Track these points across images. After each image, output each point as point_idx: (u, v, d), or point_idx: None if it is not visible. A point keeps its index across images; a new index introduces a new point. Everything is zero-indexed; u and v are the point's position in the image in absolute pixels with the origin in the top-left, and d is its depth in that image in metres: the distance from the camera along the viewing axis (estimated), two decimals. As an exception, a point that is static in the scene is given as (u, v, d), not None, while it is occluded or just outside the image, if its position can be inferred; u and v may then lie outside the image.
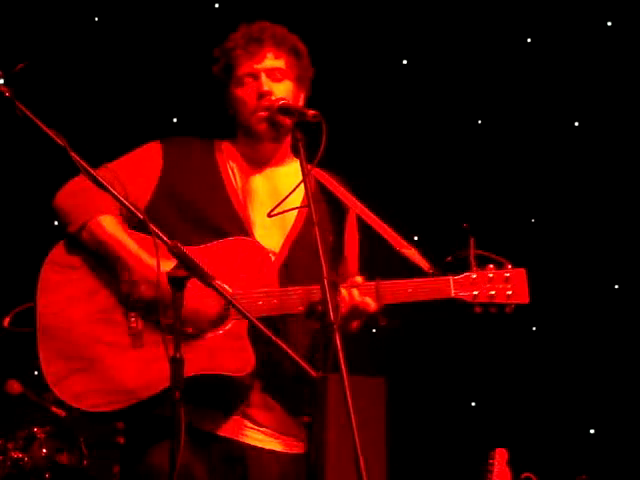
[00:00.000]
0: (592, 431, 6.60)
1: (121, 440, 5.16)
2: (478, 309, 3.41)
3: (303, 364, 2.94)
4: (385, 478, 6.57)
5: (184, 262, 2.91)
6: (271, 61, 3.47)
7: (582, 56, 6.56)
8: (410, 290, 3.36)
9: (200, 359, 3.25)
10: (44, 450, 5.25)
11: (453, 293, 3.38)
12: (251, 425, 3.39)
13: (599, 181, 6.56)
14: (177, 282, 2.92)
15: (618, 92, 6.53)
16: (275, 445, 3.42)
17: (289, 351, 2.96)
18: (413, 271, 3.40)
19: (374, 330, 3.48)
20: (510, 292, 3.40)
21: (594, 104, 6.58)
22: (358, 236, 3.63)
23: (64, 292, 3.34)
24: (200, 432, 3.31)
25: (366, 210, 3.55)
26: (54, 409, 5.34)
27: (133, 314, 3.31)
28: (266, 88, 3.44)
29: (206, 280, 2.92)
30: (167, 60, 6.35)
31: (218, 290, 2.96)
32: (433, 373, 6.68)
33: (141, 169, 3.46)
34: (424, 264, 3.43)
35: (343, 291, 3.31)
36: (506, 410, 6.55)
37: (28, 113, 2.95)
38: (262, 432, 3.40)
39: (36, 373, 3.36)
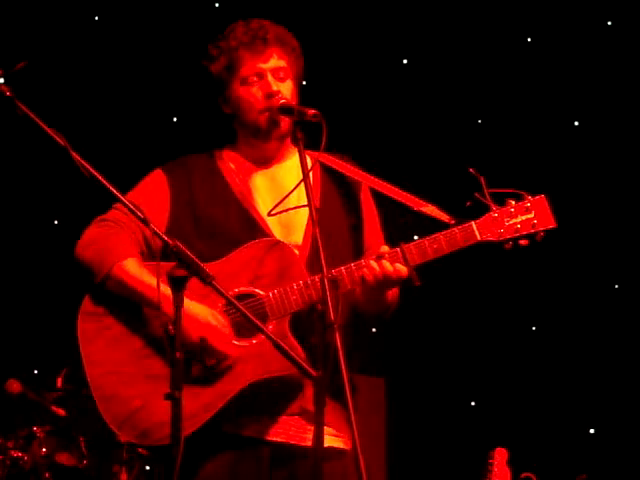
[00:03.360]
0: (592, 431, 6.61)
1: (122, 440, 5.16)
2: (507, 246, 3.37)
3: (302, 364, 2.93)
4: (385, 477, 6.59)
5: (184, 262, 2.90)
6: (275, 61, 3.45)
7: (582, 56, 6.55)
8: (436, 246, 3.33)
9: (249, 367, 3.26)
10: (44, 449, 5.24)
11: (479, 237, 3.34)
12: (300, 424, 3.36)
13: (599, 181, 6.56)
14: (177, 282, 2.91)
15: (618, 92, 6.53)
16: (329, 441, 3.33)
17: (288, 351, 2.96)
18: (436, 227, 3.39)
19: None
20: (535, 221, 3.39)
21: (594, 104, 6.58)
22: (375, 207, 3.61)
23: (102, 339, 3.36)
24: (248, 440, 3.31)
25: (377, 180, 3.53)
26: (54, 408, 5.34)
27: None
28: (275, 88, 3.42)
29: (206, 280, 2.91)
30: (167, 59, 6.35)
31: (218, 290, 2.95)
32: (433, 373, 6.69)
33: (150, 202, 3.43)
34: (444, 217, 3.40)
35: (372, 263, 3.29)
36: (506, 410, 6.55)
37: (29, 112, 2.94)
38: (311, 430, 3.35)
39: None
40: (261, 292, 3.31)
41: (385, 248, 3.35)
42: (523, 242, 3.39)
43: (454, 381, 6.70)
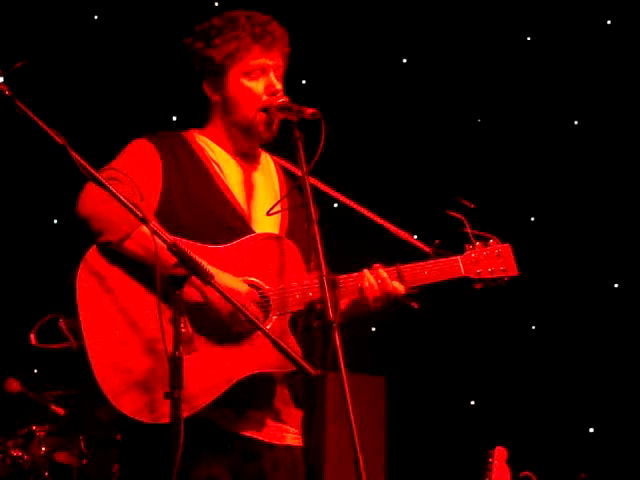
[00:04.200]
0: (591, 430, 6.61)
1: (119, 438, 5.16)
2: (479, 285, 3.53)
3: (301, 362, 2.93)
4: (384, 476, 6.59)
5: (184, 261, 2.90)
6: (279, 60, 3.44)
7: (582, 55, 6.56)
8: (426, 272, 3.40)
9: (251, 359, 3.24)
10: (43, 448, 5.24)
11: (463, 272, 3.47)
12: (271, 421, 3.37)
13: (599, 180, 6.56)
14: (177, 281, 2.91)
15: (617, 91, 6.53)
16: (291, 440, 3.39)
17: (287, 349, 2.96)
18: (409, 254, 3.43)
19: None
20: (503, 267, 3.53)
21: (594, 103, 6.58)
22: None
23: (106, 303, 3.21)
24: (221, 433, 3.29)
25: (349, 200, 3.53)
26: (53, 407, 5.34)
27: (182, 320, 3.13)
28: (278, 87, 3.40)
29: (205, 279, 2.91)
30: (167, 58, 6.34)
31: (217, 288, 2.95)
32: (433, 372, 6.69)
33: (144, 168, 3.35)
34: (425, 247, 3.45)
35: (371, 278, 3.32)
36: (505, 409, 6.56)
37: (28, 111, 2.94)
38: (280, 428, 3.38)
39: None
40: (266, 285, 3.29)
41: (378, 265, 3.37)
42: (491, 284, 3.55)
43: (454, 380, 6.70)
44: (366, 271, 3.33)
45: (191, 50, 3.49)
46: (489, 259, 3.50)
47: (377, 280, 3.33)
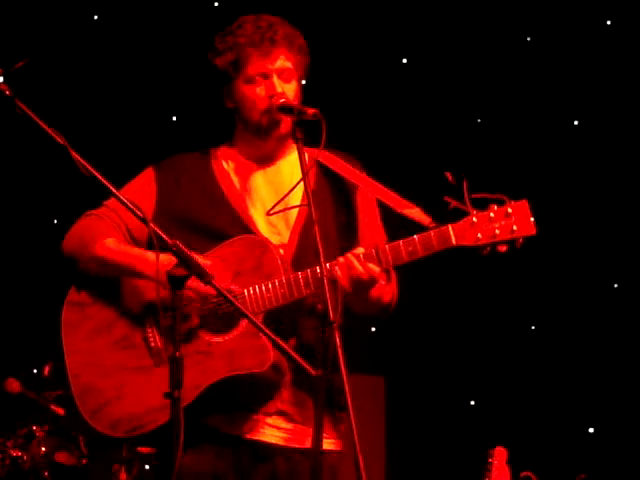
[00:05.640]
0: (591, 430, 6.61)
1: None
2: (485, 251, 3.27)
3: (302, 362, 2.93)
4: (384, 476, 6.59)
5: (184, 261, 2.91)
6: (282, 62, 3.46)
7: (582, 55, 6.55)
8: (411, 249, 3.27)
9: (221, 363, 3.29)
10: (43, 448, 5.25)
11: (454, 241, 3.26)
12: (285, 425, 3.38)
13: (598, 180, 6.56)
14: (177, 281, 2.92)
15: (617, 91, 6.53)
16: (305, 442, 3.35)
17: (288, 349, 2.96)
18: (416, 229, 3.36)
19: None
20: (515, 227, 3.25)
21: (594, 103, 6.58)
22: (376, 207, 3.57)
23: (84, 329, 3.42)
24: (227, 437, 3.33)
25: (367, 179, 3.52)
26: (53, 408, 5.34)
27: (151, 334, 3.37)
28: (280, 90, 3.43)
29: (205, 279, 2.92)
30: (166, 58, 6.35)
31: (217, 288, 2.96)
32: (432, 372, 6.69)
33: (136, 198, 3.40)
34: (425, 220, 3.35)
35: (343, 263, 3.27)
36: (505, 409, 6.55)
37: (28, 111, 2.94)
38: (291, 431, 3.38)
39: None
40: (238, 289, 3.33)
41: (361, 249, 3.33)
42: (502, 248, 3.27)
43: (454, 380, 6.70)
44: (339, 259, 3.29)
45: (208, 59, 3.55)
46: (495, 220, 3.25)
47: (346, 267, 3.27)
